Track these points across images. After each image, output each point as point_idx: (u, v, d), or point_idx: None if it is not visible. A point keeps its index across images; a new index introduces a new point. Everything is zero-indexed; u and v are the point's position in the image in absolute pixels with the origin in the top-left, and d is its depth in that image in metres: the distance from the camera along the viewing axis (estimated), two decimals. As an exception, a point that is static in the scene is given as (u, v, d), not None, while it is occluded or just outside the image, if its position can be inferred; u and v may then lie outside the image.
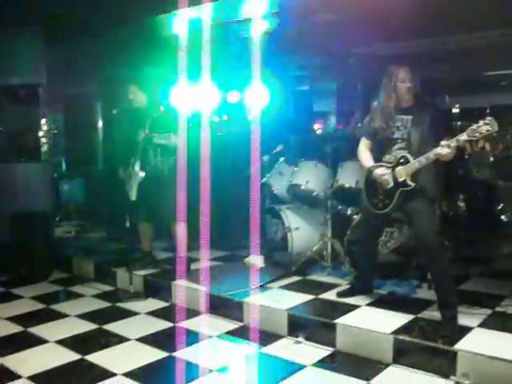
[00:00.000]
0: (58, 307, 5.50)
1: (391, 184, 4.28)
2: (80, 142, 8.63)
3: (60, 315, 5.24)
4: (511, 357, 3.57)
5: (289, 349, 4.30)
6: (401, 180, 4.22)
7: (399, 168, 4.23)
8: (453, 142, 3.92)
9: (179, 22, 6.21)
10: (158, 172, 5.63)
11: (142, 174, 5.51)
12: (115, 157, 6.47)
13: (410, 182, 4.19)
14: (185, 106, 6.15)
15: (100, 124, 8.69)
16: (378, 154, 4.49)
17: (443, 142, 3.95)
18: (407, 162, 4.19)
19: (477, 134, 3.79)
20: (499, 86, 12.92)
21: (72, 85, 8.23)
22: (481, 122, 3.77)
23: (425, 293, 4.97)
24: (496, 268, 6.07)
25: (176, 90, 6.42)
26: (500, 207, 8.17)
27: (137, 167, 5.53)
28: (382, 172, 4.33)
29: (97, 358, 4.19)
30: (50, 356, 4.25)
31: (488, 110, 14.70)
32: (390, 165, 4.31)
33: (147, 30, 6.36)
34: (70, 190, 9.01)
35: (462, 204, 7.81)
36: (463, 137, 3.87)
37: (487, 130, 3.75)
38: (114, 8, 6.03)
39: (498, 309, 4.58)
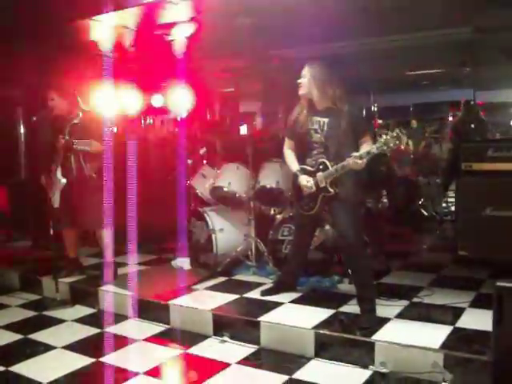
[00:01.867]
0: (-18, 320, 5.39)
1: (314, 189, 4.42)
2: (1, 149, 8.42)
3: (-17, 327, 5.14)
4: (424, 344, 3.77)
5: (214, 348, 4.36)
6: (322, 186, 4.37)
7: (319, 174, 4.37)
8: (364, 155, 4.09)
9: (101, 27, 6.18)
10: (81, 178, 5.58)
11: (64, 181, 5.45)
12: (37, 164, 6.38)
13: (330, 189, 4.34)
14: (108, 110, 6.12)
15: (22, 130, 8.51)
16: (301, 154, 4.62)
17: (355, 154, 4.12)
18: (326, 168, 4.34)
19: (385, 147, 4.00)
20: (421, 85, 13.35)
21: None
22: (389, 136, 3.98)
23: (346, 287, 5.14)
24: (415, 261, 6.33)
25: (99, 95, 6.39)
26: (421, 202, 8.49)
27: (58, 174, 5.47)
28: (305, 180, 4.46)
29: (22, 368, 4.13)
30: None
31: (411, 108, 15.23)
32: (312, 169, 4.45)
33: (69, 35, 6.30)
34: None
35: (384, 200, 8.09)
36: (373, 150, 4.06)
37: (394, 144, 3.97)
38: (34, 14, 5.95)
39: (414, 299, 4.79)
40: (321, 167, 4.38)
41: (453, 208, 8.56)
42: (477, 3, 5.74)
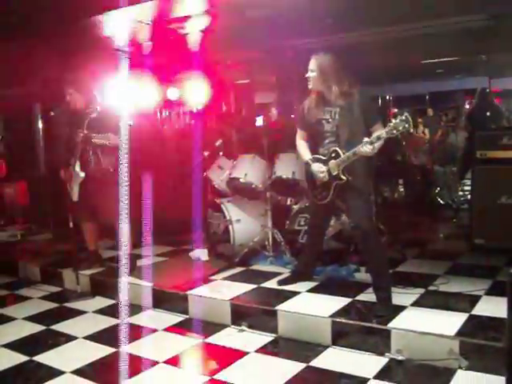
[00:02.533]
0: (5, 311, 5.48)
1: (327, 177, 4.46)
2: (21, 144, 8.55)
3: (7, 319, 5.24)
4: (440, 331, 3.81)
5: (233, 337, 4.43)
6: (334, 174, 4.41)
7: (332, 162, 4.41)
8: (375, 140, 4.12)
9: (116, 22, 6.23)
10: (100, 171, 5.66)
11: (83, 175, 5.53)
12: (56, 158, 6.47)
13: (342, 176, 4.38)
14: (125, 104, 6.19)
15: (40, 125, 8.61)
16: (314, 144, 4.66)
17: (366, 139, 4.15)
18: (338, 156, 4.37)
19: (394, 131, 4.01)
20: (436, 73, 13.28)
21: (9, 86, 8.13)
22: (398, 119, 3.99)
23: (362, 276, 5.19)
24: (431, 249, 6.35)
25: (115, 90, 6.45)
26: (437, 191, 8.49)
27: (77, 168, 5.55)
28: (318, 168, 4.50)
29: (45, 358, 4.23)
30: (-3, 360, 4.27)
31: (427, 97, 15.18)
32: (324, 157, 4.49)
33: (84, 31, 6.36)
34: (13, 193, 8.93)
35: (401, 189, 8.10)
36: (383, 134, 4.09)
37: (403, 127, 3.97)
38: (50, 9, 6.01)
39: (430, 288, 4.82)
40: (333, 155, 4.41)
41: (469, 196, 8.55)
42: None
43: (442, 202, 8.44)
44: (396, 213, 7.09)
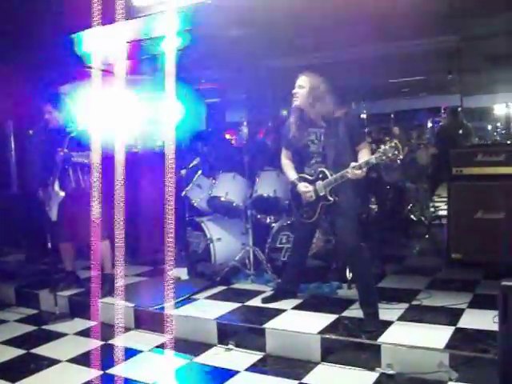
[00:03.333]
0: (-21, 335, 5.35)
1: (313, 197, 4.50)
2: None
3: (-18, 343, 5.10)
4: (428, 344, 3.87)
5: (221, 356, 4.40)
6: (321, 194, 4.45)
7: (319, 183, 4.46)
8: (363, 165, 4.20)
9: (92, 41, 6.22)
10: (79, 191, 5.60)
11: (62, 194, 5.47)
12: (33, 177, 6.38)
13: (329, 197, 4.43)
14: (102, 123, 6.14)
15: (13, 144, 8.44)
16: (299, 163, 4.70)
17: (354, 164, 4.21)
18: (325, 177, 4.43)
19: (384, 157, 4.08)
20: (401, 92, 13.57)
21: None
22: (387, 146, 4.06)
23: (345, 293, 5.23)
24: (409, 265, 6.45)
25: (92, 108, 6.40)
26: (409, 207, 8.61)
27: (56, 187, 5.48)
28: (304, 188, 4.54)
29: (28, 383, 4.12)
30: (-23, 387, 4.15)
31: (392, 116, 15.44)
32: (311, 178, 4.53)
33: (61, 48, 6.32)
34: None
35: (374, 206, 8.18)
36: (372, 160, 4.17)
37: (393, 154, 4.04)
38: (26, 25, 5.98)
39: (414, 302, 4.88)
40: (320, 176, 4.47)
41: (440, 212, 8.70)
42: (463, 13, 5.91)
43: (414, 218, 8.56)
44: (371, 229, 7.15)
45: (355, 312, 4.62)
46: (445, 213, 8.37)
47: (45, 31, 6.05)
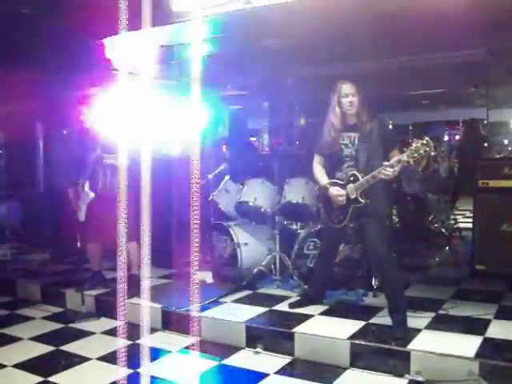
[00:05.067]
0: (8, 331, 5.39)
1: (345, 201, 4.55)
2: (19, 162, 8.47)
3: (12, 339, 5.15)
4: (457, 353, 3.90)
5: (249, 359, 4.44)
6: (352, 197, 4.50)
7: (350, 186, 4.50)
8: (395, 163, 4.24)
9: (123, 45, 6.30)
10: (108, 192, 5.67)
11: (92, 195, 5.56)
12: (62, 177, 6.47)
13: (360, 199, 4.47)
14: (130, 126, 6.22)
15: (41, 144, 8.55)
16: (331, 169, 4.75)
17: (386, 163, 4.26)
18: (357, 180, 4.47)
19: (416, 155, 4.11)
20: (420, 104, 13.60)
21: (10, 104, 8.07)
22: (419, 143, 4.09)
23: (371, 300, 5.27)
24: (432, 275, 6.47)
25: (121, 111, 6.49)
26: (430, 218, 8.64)
27: (86, 188, 5.57)
28: (336, 191, 4.58)
29: (61, 378, 4.18)
30: (11, 381, 4.22)
31: (410, 127, 15.50)
32: (342, 182, 4.58)
33: (91, 52, 6.41)
34: (4, 212, 8.82)
35: (394, 216, 8.21)
36: (404, 158, 4.18)
37: (425, 151, 4.08)
38: (56, 30, 6.06)
39: (440, 311, 4.93)
40: (351, 179, 4.51)
41: (460, 225, 8.71)
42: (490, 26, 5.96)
43: (435, 229, 8.59)
44: (392, 239, 7.19)
45: (382, 319, 4.67)
46: (464, 225, 8.46)
47: (75, 35, 6.12)
